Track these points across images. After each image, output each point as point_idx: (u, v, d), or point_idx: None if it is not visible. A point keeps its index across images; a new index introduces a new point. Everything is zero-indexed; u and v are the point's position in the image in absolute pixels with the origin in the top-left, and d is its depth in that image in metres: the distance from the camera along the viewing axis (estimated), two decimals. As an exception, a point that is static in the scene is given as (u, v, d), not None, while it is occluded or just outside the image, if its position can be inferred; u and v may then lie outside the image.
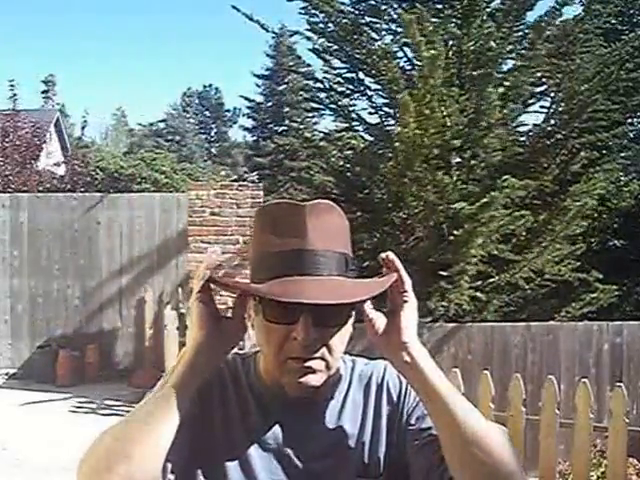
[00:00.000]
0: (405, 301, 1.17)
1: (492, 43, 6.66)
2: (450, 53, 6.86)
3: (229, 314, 1.18)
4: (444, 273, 6.34)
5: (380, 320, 1.17)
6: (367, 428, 1.23)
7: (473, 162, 6.82)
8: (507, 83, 6.83)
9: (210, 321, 1.15)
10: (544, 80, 7.36)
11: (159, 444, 1.08)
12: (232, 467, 1.19)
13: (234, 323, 1.18)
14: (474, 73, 6.78)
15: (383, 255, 1.19)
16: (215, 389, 1.24)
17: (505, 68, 7.21)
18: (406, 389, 1.26)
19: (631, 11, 7.46)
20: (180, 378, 1.13)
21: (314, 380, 1.16)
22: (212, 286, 1.17)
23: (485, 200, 6.16)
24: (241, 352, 1.32)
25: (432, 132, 6.36)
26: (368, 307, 1.18)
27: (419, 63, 6.44)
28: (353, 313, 1.19)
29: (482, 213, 6.19)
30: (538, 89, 7.42)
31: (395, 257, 1.18)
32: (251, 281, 1.18)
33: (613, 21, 7.55)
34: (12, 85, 15.45)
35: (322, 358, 1.16)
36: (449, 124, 6.48)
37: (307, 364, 1.15)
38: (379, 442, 1.23)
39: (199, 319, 1.15)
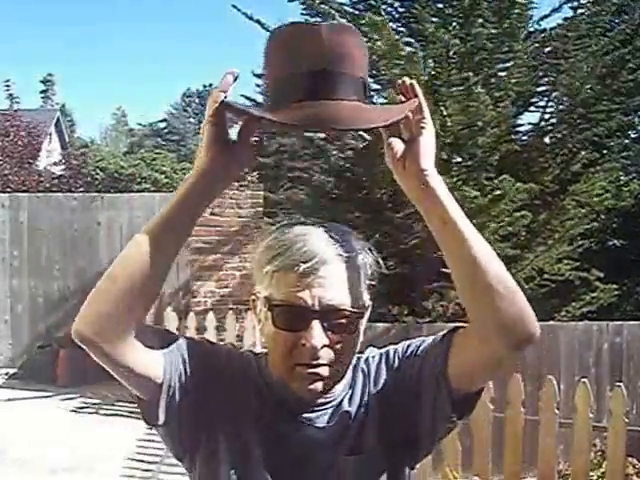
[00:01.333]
0: (423, 127, 1.12)
1: (488, 43, 6.66)
2: (452, 52, 6.86)
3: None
4: (446, 270, 6.33)
5: (399, 145, 1.13)
6: (362, 409, 1.24)
7: (470, 162, 6.80)
8: (493, 81, 6.85)
9: (217, 146, 1.11)
10: (545, 80, 7.35)
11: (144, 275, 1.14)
12: (245, 447, 1.20)
13: (240, 149, 1.13)
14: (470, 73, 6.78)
15: (400, 81, 1.14)
16: (238, 371, 1.25)
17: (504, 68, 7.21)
18: (387, 353, 1.27)
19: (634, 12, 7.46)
20: (178, 198, 1.11)
21: (322, 387, 1.18)
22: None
23: (499, 192, 6.16)
24: (255, 351, 1.33)
25: None
26: (387, 132, 1.14)
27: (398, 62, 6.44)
28: (363, 321, 1.20)
29: (494, 207, 6.18)
30: (539, 89, 7.41)
31: (415, 82, 1.13)
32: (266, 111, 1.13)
33: (611, 19, 7.54)
34: (8, 85, 15.46)
35: (330, 365, 1.16)
36: (449, 124, 6.47)
37: (315, 370, 1.15)
38: (374, 417, 1.23)
39: (208, 141, 1.11)
